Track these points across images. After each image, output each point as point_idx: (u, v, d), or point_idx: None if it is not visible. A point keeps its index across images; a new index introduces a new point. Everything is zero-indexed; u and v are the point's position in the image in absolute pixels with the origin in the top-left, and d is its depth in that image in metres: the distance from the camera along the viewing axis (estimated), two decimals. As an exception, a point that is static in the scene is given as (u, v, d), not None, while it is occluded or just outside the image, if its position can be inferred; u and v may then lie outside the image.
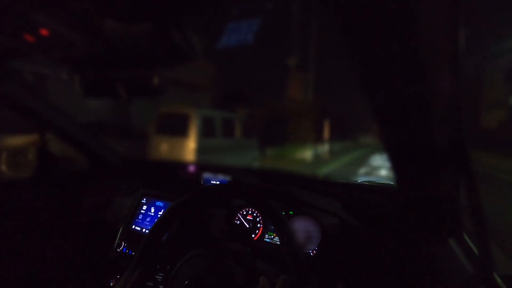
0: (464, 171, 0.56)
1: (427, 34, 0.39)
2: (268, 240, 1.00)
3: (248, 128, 7.12)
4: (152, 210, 1.15)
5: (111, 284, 0.98)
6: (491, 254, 0.61)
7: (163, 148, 5.37)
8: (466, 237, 0.72)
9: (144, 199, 1.18)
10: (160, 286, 0.62)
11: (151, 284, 0.62)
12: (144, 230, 1.12)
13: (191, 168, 1.18)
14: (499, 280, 0.63)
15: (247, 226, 1.04)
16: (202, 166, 1.17)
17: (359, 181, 1.10)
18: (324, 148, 11.01)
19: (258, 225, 1.03)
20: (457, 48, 0.40)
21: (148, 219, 1.14)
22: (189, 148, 5.18)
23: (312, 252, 0.92)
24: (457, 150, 0.53)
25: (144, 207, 1.17)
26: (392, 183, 0.96)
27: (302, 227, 0.96)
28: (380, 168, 8.13)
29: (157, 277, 0.63)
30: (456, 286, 0.66)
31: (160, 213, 1.13)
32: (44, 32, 0.83)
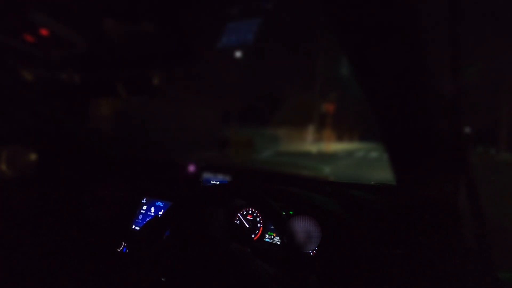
0: (464, 171, 0.56)
1: (428, 34, 0.39)
2: (268, 240, 1.00)
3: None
4: (152, 210, 1.15)
5: None
6: (492, 253, 0.61)
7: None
8: (466, 237, 0.72)
9: (144, 199, 1.18)
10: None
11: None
12: (144, 230, 1.12)
13: (191, 168, 1.18)
14: (500, 280, 0.63)
15: (247, 226, 1.04)
16: (202, 166, 1.17)
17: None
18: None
19: (258, 225, 1.03)
20: (457, 48, 0.40)
21: (148, 219, 1.14)
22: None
23: (312, 252, 0.92)
24: (456, 150, 0.53)
25: (144, 207, 1.17)
26: (392, 183, 0.96)
27: (302, 227, 0.96)
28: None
29: None
30: (457, 286, 0.66)
31: (160, 213, 1.13)
32: (44, 32, 0.83)
